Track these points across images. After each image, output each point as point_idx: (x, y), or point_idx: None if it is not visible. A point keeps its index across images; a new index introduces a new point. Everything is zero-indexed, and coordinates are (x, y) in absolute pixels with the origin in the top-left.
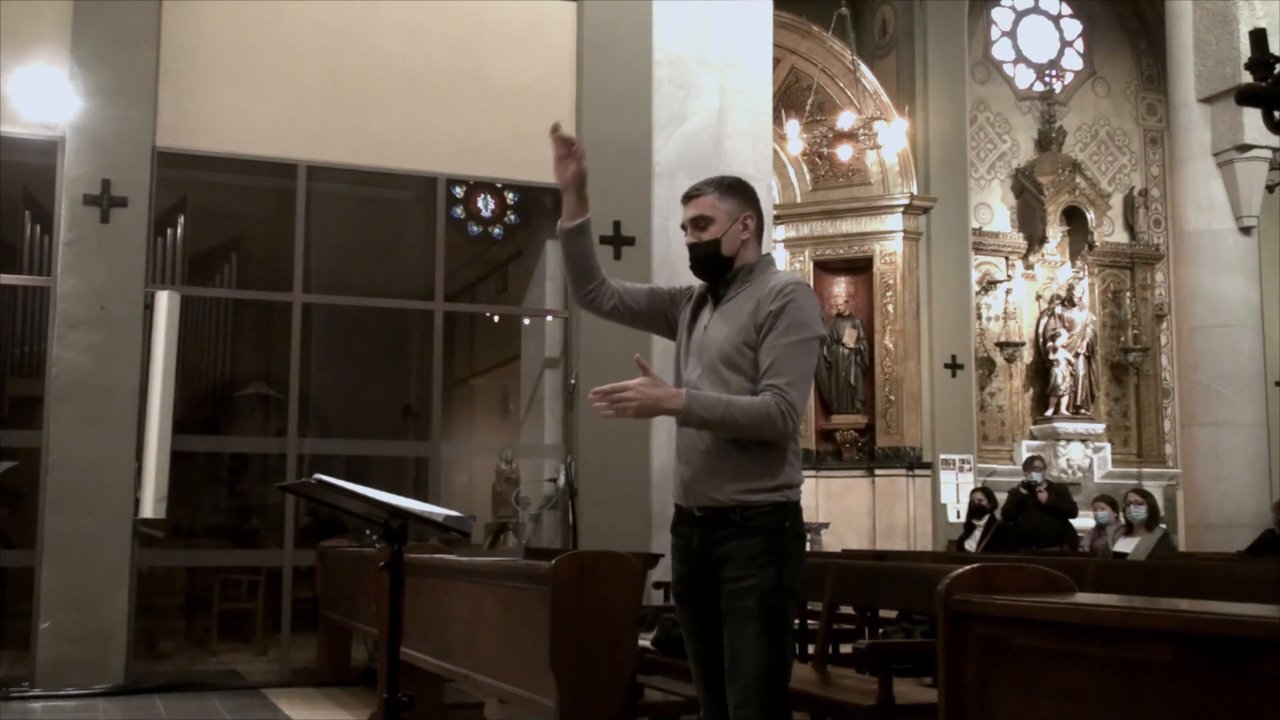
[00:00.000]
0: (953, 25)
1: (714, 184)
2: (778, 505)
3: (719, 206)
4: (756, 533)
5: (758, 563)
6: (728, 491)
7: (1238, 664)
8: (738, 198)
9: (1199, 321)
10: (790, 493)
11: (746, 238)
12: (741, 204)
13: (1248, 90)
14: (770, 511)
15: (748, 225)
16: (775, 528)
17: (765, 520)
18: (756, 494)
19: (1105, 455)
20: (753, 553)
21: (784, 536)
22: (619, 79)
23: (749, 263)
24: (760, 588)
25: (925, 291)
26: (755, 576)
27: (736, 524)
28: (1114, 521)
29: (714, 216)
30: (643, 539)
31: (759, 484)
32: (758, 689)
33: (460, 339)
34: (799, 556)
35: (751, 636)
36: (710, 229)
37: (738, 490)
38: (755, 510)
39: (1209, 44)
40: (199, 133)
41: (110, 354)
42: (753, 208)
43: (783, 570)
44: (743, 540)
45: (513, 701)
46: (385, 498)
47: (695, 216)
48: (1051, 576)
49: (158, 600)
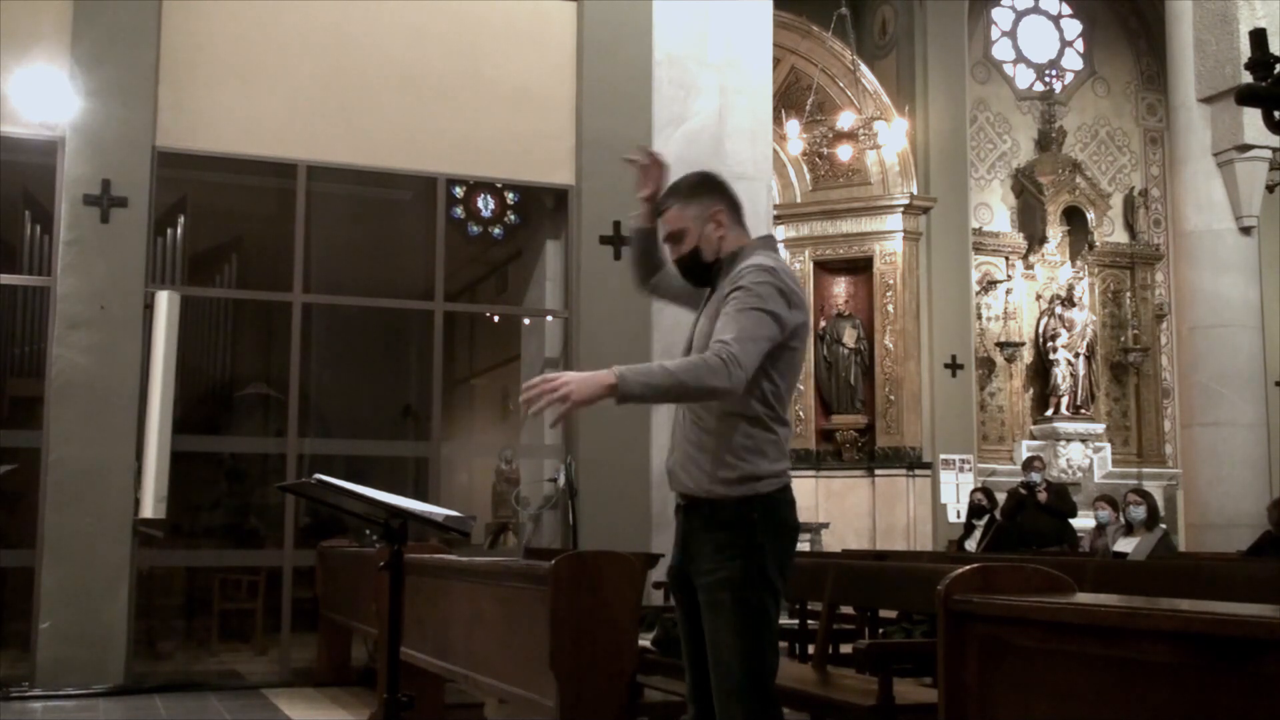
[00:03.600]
0: (953, 25)
1: (674, 193)
2: (744, 498)
3: (685, 215)
4: (722, 525)
5: (725, 555)
6: (699, 480)
7: (1238, 664)
8: (699, 198)
9: (1199, 321)
10: (758, 485)
11: (722, 233)
12: (705, 202)
13: (1248, 90)
14: (735, 504)
15: (720, 221)
16: (741, 519)
17: (729, 513)
18: (719, 486)
19: (1105, 455)
20: (720, 545)
21: (752, 529)
22: (619, 79)
23: (732, 252)
24: (730, 580)
25: (925, 291)
26: (724, 569)
27: (706, 516)
28: (1114, 521)
29: (684, 228)
30: (643, 539)
31: (725, 474)
32: (738, 682)
33: (460, 339)
34: (775, 548)
35: (727, 630)
36: (685, 240)
37: (706, 479)
38: (722, 502)
39: (1209, 44)
40: (199, 133)
41: (110, 354)
42: (720, 200)
43: (750, 562)
44: (711, 533)
45: (513, 701)
46: (385, 498)
47: (668, 234)
48: (1051, 576)
49: (158, 600)
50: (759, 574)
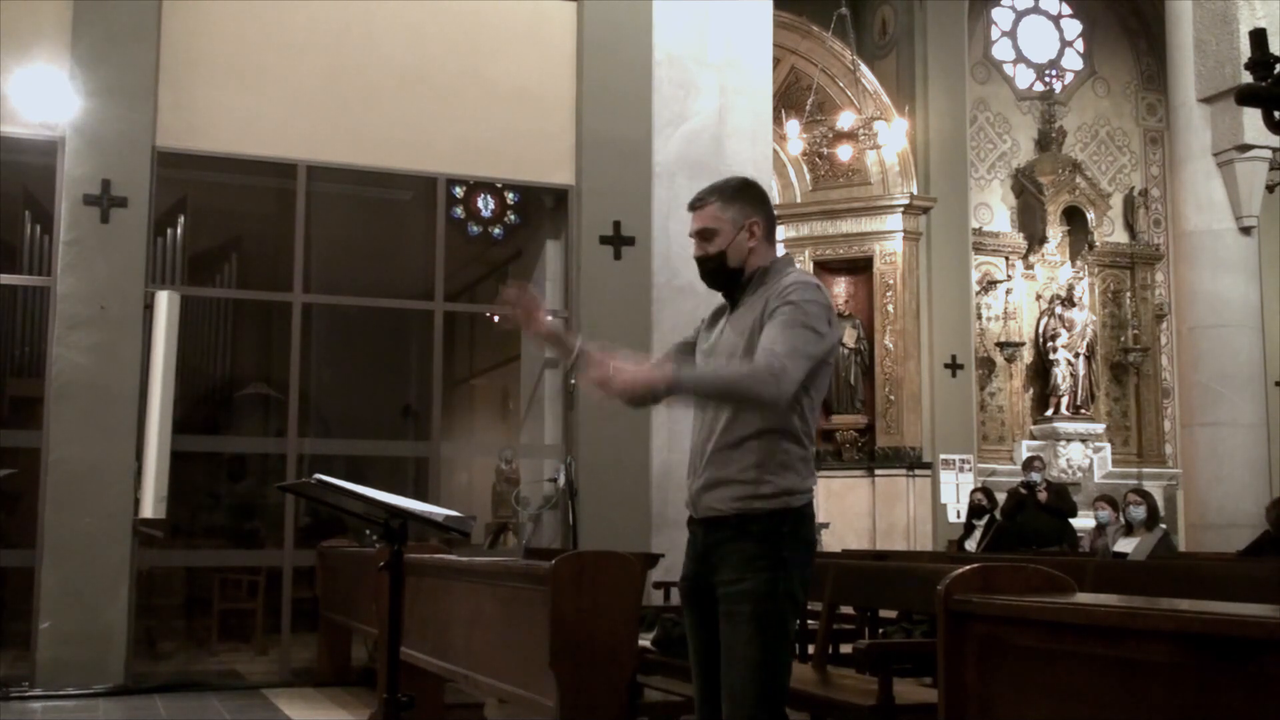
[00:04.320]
0: (953, 25)
1: (717, 191)
2: (775, 511)
3: (722, 216)
4: (752, 537)
5: (753, 567)
6: (727, 501)
7: (1238, 664)
8: (741, 203)
9: (1199, 321)
10: (791, 499)
11: (754, 244)
12: (746, 209)
13: (1248, 90)
14: (767, 516)
15: (754, 232)
16: (772, 532)
17: (761, 525)
18: (756, 501)
19: (1105, 455)
20: (748, 556)
21: (781, 541)
22: (619, 79)
23: (761, 267)
24: (755, 592)
25: (925, 291)
26: (749, 580)
27: (734, 527)
28: (1114, 521)
29: (718, 228)
30: (643, 539)
31: (758, 491)
32: (750, 694)
33: (460, 339)
34: (800, 563)
35: (744, 641)
36: (715, 240)
37: (736, 498)
38: (753, 516)
39: (1209, 44)
40: (199, 133)
41: (110, 354)
42: (759, 211)
43: (778, 576)
44: (739, 544)
45: (513, 701)
46: (385, 498)
47: (699, 229)
48: (1051, 576)
49: (158, 600)
50: (784, 588)
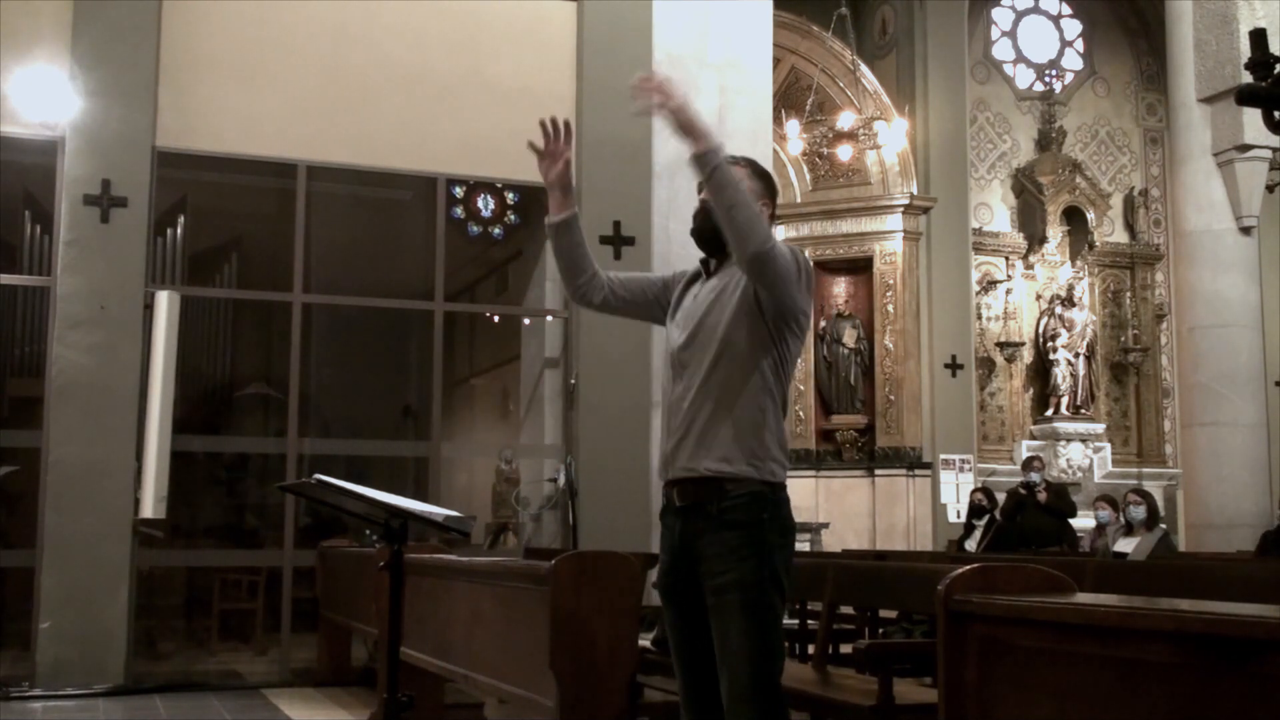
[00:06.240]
0: (953, 25)
1: (747, 162)
2: (755, 495)
3: (749, 183)
4: (733, 526)
5: (737, 555)
6: (705, 461)
7: (1238, 664)
8: (763, 184)
9: (1199, 321)
10: (769, 470)
11: None
12: (763, 191)
13: (1248, 90)
14: (747, 504)
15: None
16: (753, 520)
17: (741, 513)
18: (733, 464)
19: (1105, 455)
20: (731, 545)
21: (763, 528)
22: (619, 79)
23: None
24: (741, 581)
25: (925, 291)
26: (735, 570)
27: (713, 516)
28: (1114, 521)
29: None
30: (643, 539)
31: (736, 452)
32: (749, 684)
33: (460, 339)
34: (783, 547)
35: (738, 632)
36: None
37: (716, 459)
38: (731, 499)
39: (1209, 44)
40: (199, 133)
41: (110, 354)
42: (768, 197)
43: (763, 562)
44: (721, 534)
45: (513, 701)
46: (385, 498)
47: None
48: (1051, 576)
49: (158, 600)
50: (770, 574)
